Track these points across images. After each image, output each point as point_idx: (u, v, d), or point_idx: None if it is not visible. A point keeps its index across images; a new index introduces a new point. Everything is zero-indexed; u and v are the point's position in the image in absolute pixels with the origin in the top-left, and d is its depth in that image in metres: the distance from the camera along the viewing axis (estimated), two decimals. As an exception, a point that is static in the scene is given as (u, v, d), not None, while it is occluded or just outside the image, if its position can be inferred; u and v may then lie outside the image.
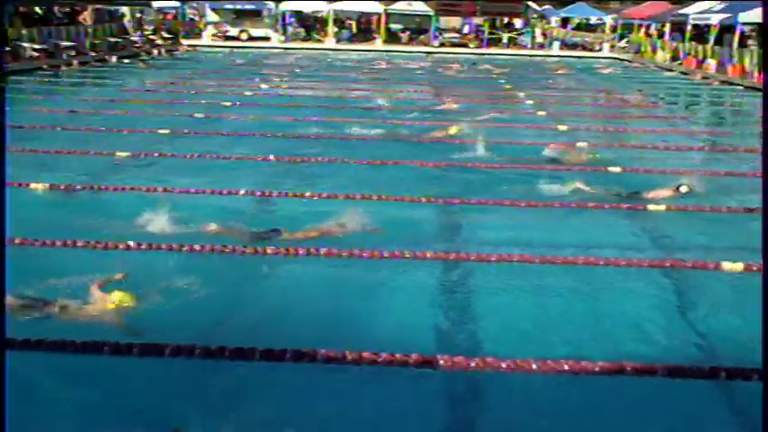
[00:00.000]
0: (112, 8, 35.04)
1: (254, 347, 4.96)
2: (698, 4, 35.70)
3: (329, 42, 42.09)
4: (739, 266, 6.86)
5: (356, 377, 4.91)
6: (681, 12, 37.06)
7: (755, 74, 26.59)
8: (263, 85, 21.92)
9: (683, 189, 9.77)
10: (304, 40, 43.39)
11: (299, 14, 45.21)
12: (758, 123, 17.87)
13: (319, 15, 45.61)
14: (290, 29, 43.64)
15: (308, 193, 9.34)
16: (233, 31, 42.53)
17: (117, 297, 5.61)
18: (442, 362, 4.92)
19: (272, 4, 42.92)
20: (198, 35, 42.55)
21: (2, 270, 3.54)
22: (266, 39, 41.96)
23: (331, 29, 42.97)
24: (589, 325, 5.88)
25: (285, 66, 30.28)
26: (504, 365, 4.92)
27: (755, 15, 29.02)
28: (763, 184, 8.54)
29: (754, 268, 6.86)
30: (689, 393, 4.89)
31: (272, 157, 11.59)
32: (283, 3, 42.70)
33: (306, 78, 25.25)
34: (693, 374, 4.90)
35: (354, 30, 45.24)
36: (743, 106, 22.78)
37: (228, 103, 17.92)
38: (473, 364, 4.93)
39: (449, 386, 4.95)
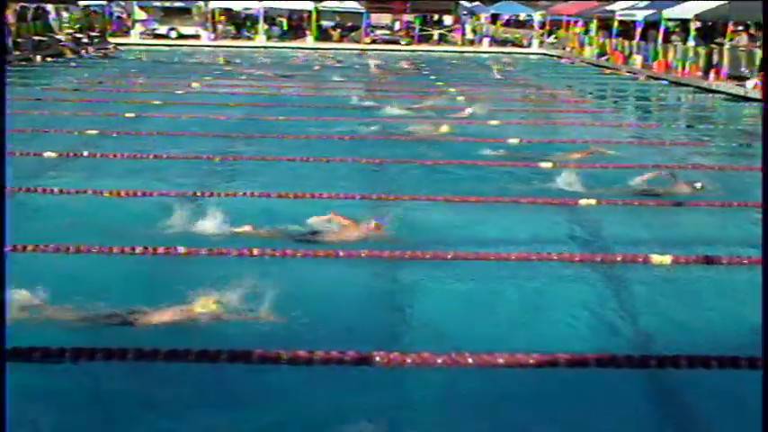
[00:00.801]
0: (35, 5, 34.05)
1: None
2: (623, 1, 36.45)
3: (260, 40, 41.72)
4: (667, 259, 6.99)
5: (288, 377, 4.85)
6: (608, 8, 37.78)
7: (679, 68, 27.30)
8: (194, 84, 21.59)
9: (698, 185, 9.97)
10: (234, 38, 42.92)
11: (228, 12, 44.70)
12: (684, 116, 18.43)
13: (249, 13, 45.20)
14: (219, 26, 43.09)
15: (240, 192, 9.23)
16: (162, 29, 41.78)
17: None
18: (378, 358, 4.89)
19: (201, 2, 42.33)
20: (126, 33, 41.72)
21: (2, 272, 3.43)
22: (196, 37, 41.34)
23: (262, 26, 42.60)
24: (521, 319, 5.90)
25: (214, 64, 29.91)
26: (439, 360, 4.91)
27: (679, 11, 29.80)
28: (763, 183, 8.77)
29: (682, 260, 7.02)
30: (621, 382, 4.95)
31: (207, 156, 11.45)
32: (213, 0, 42.14)
33: (236, 76, 25.00)
34: (625, 364, 4.96)
35: (285, 27, 44.95)
36: (668, 100, 23.33)
37: (158, 102, 17.60)
38: (409, 360, 4.90)
39: (385, 382, 4.91)
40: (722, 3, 27.58)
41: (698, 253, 7.22)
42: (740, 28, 28.16)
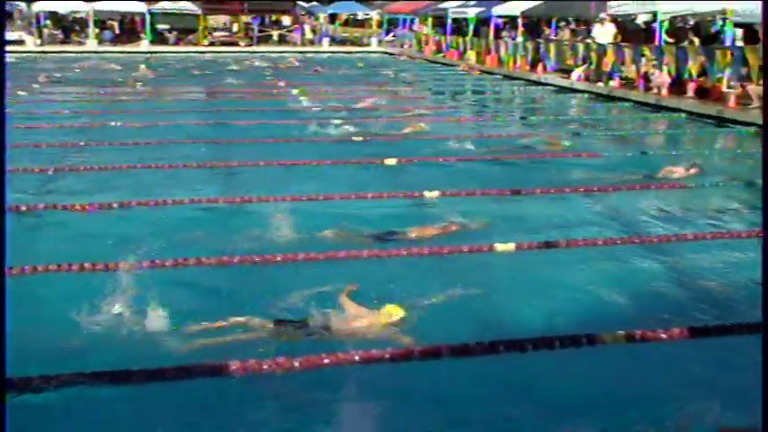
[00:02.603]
0: None
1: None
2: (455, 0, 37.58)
3: (91, 44, 40.04)
4: (511, 247, 7.26)
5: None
6: (441, 6, 38.84)
7: (510, 63, 28.46)
8: (20, 92, 20.46)
9: (693, 170, 10.32)
10: (63, 42, 41.01)
11: (54, 15, 42.65)
12: (519, 108, 19.22)
13: (78, 16, 43.31)
14: (45, 31, 41.04)
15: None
16: (-20, 35, 39.21)
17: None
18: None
19: (23, 5, 40.13)
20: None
21: (2, 282, 3.28)
22: (20, 42, 39.14)
23: (92, 30, 40.92)
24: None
25: (42, 70, 28.45)
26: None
27: (509, 8, 31.06)
28: (764, 182, 9.22)
29: (525, 246, 7.30)
30: (471, 369, 5.08)
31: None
32: (37, 3, 40.03)
33: (66, 84, 23.92)
34: (474, 352, 5.10)
35: (117, 31, 43.40)
36: (503, 93, 24.22)
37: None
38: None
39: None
40: (541, 2, 29.05)
41: (539, 239, 7.54)
42: (563, 23, 29.70)
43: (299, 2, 47.77)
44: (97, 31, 41.23)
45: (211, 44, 42.35)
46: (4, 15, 4.43)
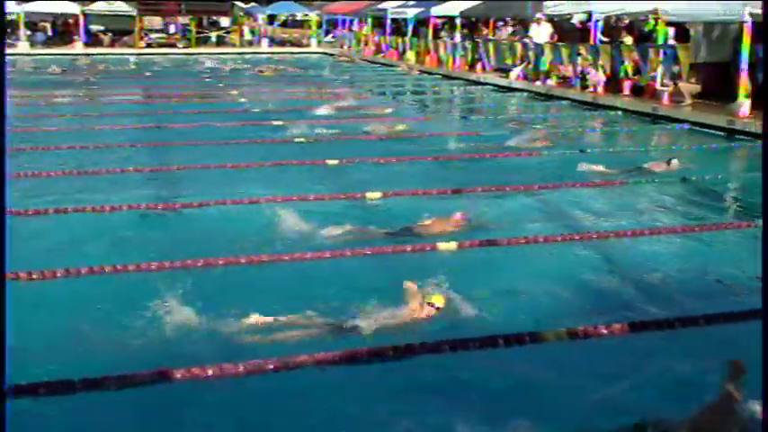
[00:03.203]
0: None
1: None
2: (394, 0, 37.63)
3: (22, 47, 39.03)
4: (453, 246, 7.30)
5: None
6: (380, 7, 38.87)
7: (450, 63, 28.66)
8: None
9: (674, 163, 10.39)
10: (-8, 45, 39.89)
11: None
12: (459, 108, 19.35)
13: (8, 18, 42.19)
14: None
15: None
16: None
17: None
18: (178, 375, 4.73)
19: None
20: None
21: (2, 283, 3.24)
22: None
23: (23, 32, 39.90)
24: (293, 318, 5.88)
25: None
26: (210, 372, 4.79)
27: (448, 9, 31.22)
28: (764, 183, 9.27)
29: (467, 245, 7.35)
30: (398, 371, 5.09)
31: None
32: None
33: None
34: (418, 352, 5.10)
35: (50, 33, 42.42)
36: (443, 93, 24.36)
37: None
38: (178, 376, 4.74)
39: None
40: (479, 2, 29.29)
41: (481, 237, 7.59)
42: (501, 23, 29.98)
43: (236, 3, 47.34)
44: (28, 33, 40.21)
45: (148, 46, 41.69)
46: (3, 15, 4.30)
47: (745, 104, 14.99)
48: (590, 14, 21.71)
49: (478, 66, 26.56)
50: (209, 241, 7.55)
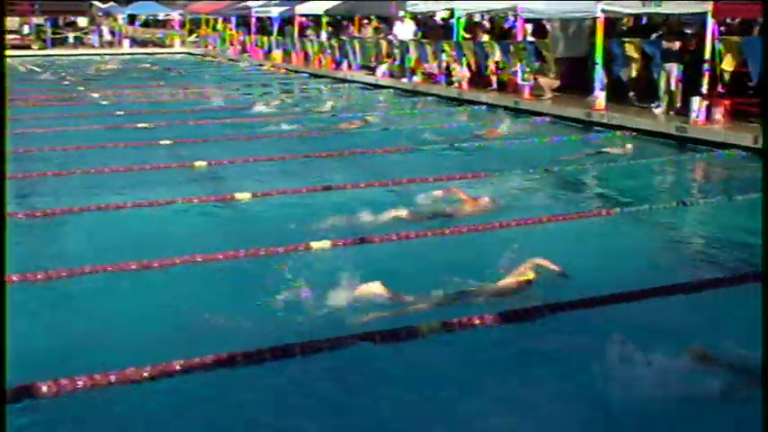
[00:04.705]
0: None
1: None
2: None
3: None
4: (327, 244, 7.31)
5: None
6: (244, 6, 38.43)
7: (316, 61, 28.67)
8: None
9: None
10: None
11: None
12: (328, 106, 19.32)
13: None
14: None
15: None
16: None
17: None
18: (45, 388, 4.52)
19: None
20: None
21: (2, 284, 3.23)
22: None
23: None
24: (166, 325, 5.75)
25: None
26: (80, 383, 4.62)
27: (312, 7, 31.24)
28: (764, 185, 9.35)
29: (341, 243, 7.36)
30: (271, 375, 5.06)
31: None
32: None
33: None
34: (294, 353, 5.06)
35: None
36: (311, 92, 24.25)
37: None
38: (80, 384, 4.58)
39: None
40: (343, 1, 29.48)
41: (354, 236, 7.62)
42: (365, 21, 30.25)
43: (94, 2, 45.72)
44: None
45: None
46: (3, 16, 3.97)
47: (600, 97, 15.69)
48: (452, 12, 22.20)
49: (345, 64, 26.67)
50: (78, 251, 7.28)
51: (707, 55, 13.84)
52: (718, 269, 7.05)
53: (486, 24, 23.64)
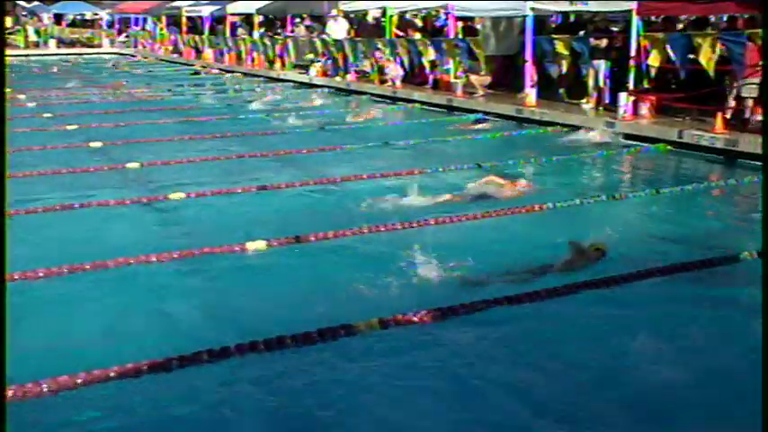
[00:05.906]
0: None
1: None
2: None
3: None
4: (262, 245, 7.27)
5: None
6: (174, 5, 37.94)
7: (248, 60, 28.50)
8: None
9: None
10: None
11: None
12: (261, 104, 19.19)
13: None
14: None
15: None
16: None
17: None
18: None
19: None
20: None
21: (2, 284, 3.19)
22: None
23: None
24: (120, 328, 5.69)
25: None
26: (45, 388, 4.56)
27: (244, 6, 30.99)
28: (764, 186, 9.34)
29: (275, 244, 7.33)
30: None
31: None
32: None
33: None
34: (231, 354, 5.04)
35: None
36: (243, 91, 24.05)
37: None
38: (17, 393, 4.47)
39: None
40: (274, 1, 29.38)
41: (288, 234, 7.58)
42: (298, 20, 30.17)
43: (18, 2, 44.52)
44: None
45: None
46: (3, 15, 3.81)
47: (531, 94, 15.95)
48: (384, 11, 22.28)
49: (278, 63, 26.54)
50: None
51: (633, 52, 14.18)
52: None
53: (419, 23, 23.78)
